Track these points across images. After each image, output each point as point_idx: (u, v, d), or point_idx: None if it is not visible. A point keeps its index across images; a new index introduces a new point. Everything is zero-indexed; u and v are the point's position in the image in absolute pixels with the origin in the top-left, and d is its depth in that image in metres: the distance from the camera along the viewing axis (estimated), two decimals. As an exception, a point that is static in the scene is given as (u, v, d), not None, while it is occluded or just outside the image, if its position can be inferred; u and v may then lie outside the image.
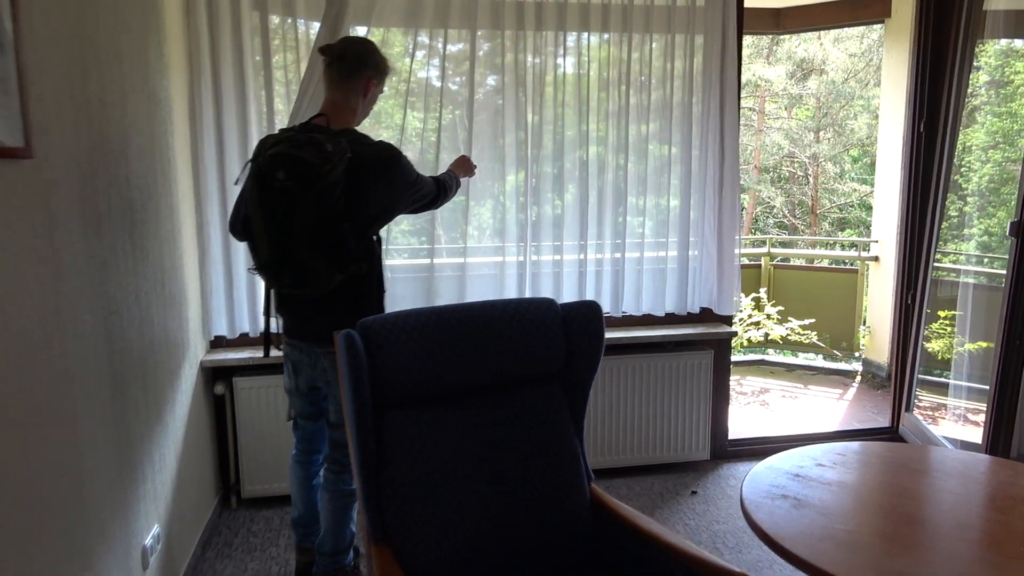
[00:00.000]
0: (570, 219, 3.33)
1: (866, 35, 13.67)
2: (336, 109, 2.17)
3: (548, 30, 3.18)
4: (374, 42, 2.27)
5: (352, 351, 1.63)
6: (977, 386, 3.75)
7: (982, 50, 3.73)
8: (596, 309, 1.93)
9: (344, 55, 2.15)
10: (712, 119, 3.31)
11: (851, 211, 14.66)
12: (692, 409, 3.46)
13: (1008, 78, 4.09)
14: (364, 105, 2.23)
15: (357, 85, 2.16)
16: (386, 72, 2.26)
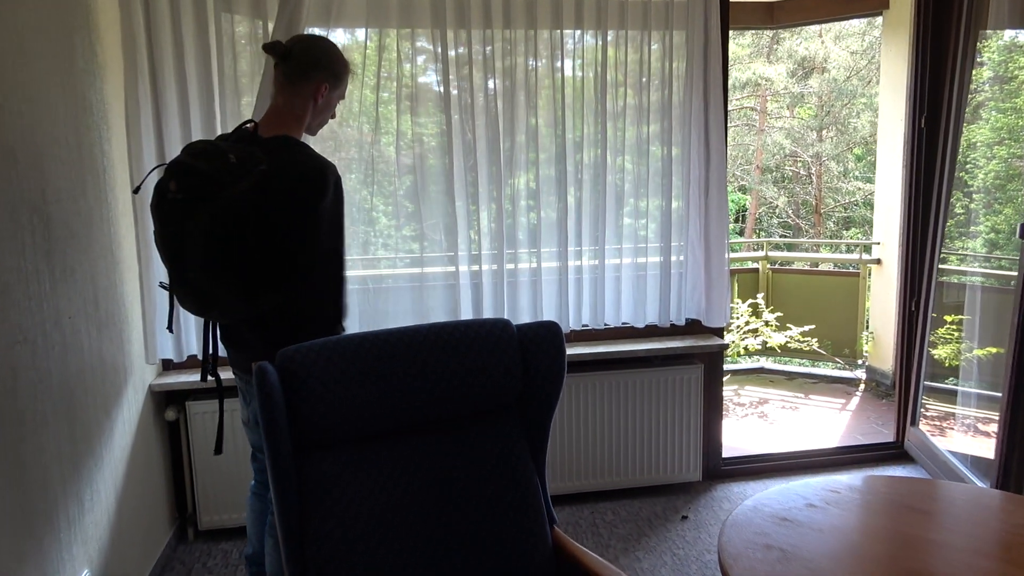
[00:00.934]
0: (554, 226, 3.12)
1: (868, 32, 13.47)
2: (277, 116, 1.93)
3: (518, 28, 2.97)
4: (332, 41, 2.04)
5: (265, 387, 1.42)
6: (988, 393, 3.53)
7: (985, 45, 3.52)
8: (556, 331, 1.72)
9: (291, 54, 1.91)
10: (696, 117, 3.10)
11: (856, 210, 14.50)
12: (682, 427, 3.24)
13: (1012, 73, 3.87)
14: (316, 112, 1.98)
15: (305, 89, 1.92)
16: (344, 75, 2.02)
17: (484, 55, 2.94)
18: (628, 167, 3.15)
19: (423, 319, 3.09)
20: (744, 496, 3.27)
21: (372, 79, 2.89)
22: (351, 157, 2.93)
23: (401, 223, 3.06)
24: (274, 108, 1.95)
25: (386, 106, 2.89)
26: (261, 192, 1.71)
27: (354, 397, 1.53)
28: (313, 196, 1.80)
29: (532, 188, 3.08)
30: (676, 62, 3.10)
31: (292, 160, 1.82)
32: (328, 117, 2.05)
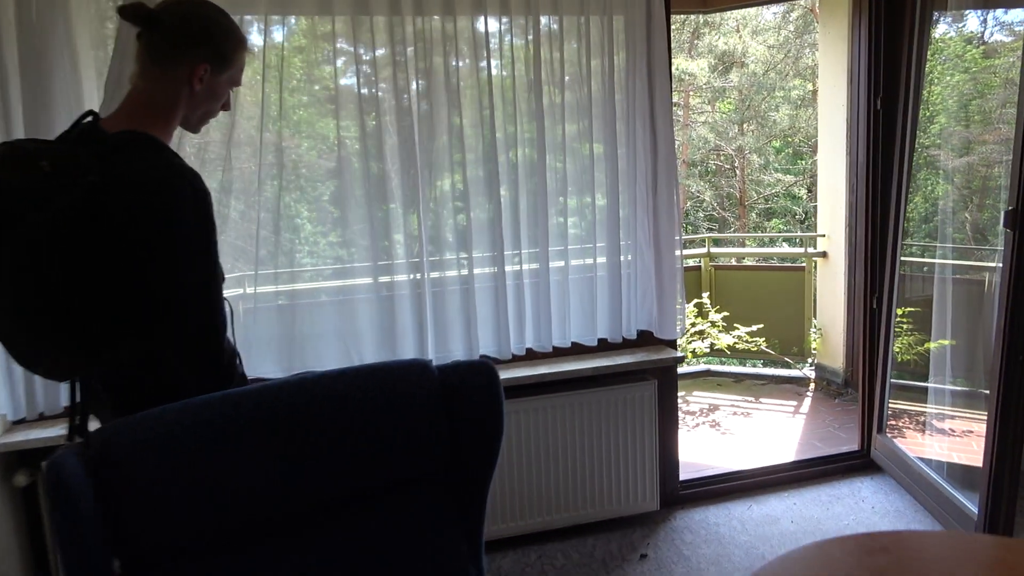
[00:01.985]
0: (485, 228, 2.71)
1: (783, 26, 13.63)
2: (134, 106, 1.42)
3: (435, 14, 2.54)
4: (220, 8, 1.48)
5: (60, 492, 0.95)
6: (945, 388, 3.32)
7: (944, 46, 3.32)
8: (489, 373, 1.30)
9: (158, 22, 1.39)
10: (640, 108, 2.74)
11: (777, 201, 14.74)
12: (636, 451, 2.87)
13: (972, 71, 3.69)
14: (194, 102, 1.46)
15: (176, 71, 1.40)
16: (234, 55, 1.48)
17: (406, 55, 2.53)
18: (568, 165, 2.77)
19: (345, 343, 2.64)
20: (706, 525, 2.93)
21: (289, 82, 2.50)
22: (270, 162, 2.51)
23: (327, 229, 2.67)
24: (132, 95, 1.44)
25: (306, 109, 2.48)
26: (87, 212, 1.24)
27: (203, 489, 1.08)
28: (161, 216, 1.30)
29: (460, 190, 2.65)
30: (617, 50, 2.73)
31: (134, 167, 1.31)
32: (215, 108, 1.52)
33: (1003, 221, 2.29)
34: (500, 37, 2.66)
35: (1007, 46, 3.65)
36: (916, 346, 3.71)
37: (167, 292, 1.32)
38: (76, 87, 2.24)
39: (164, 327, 1.33)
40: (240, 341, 2.37)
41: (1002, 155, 3.39)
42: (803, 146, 14.53)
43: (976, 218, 3.87)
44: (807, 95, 13.70)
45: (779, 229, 14.48)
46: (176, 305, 1.33)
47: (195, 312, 1.34)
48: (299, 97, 2.59)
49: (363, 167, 2.57)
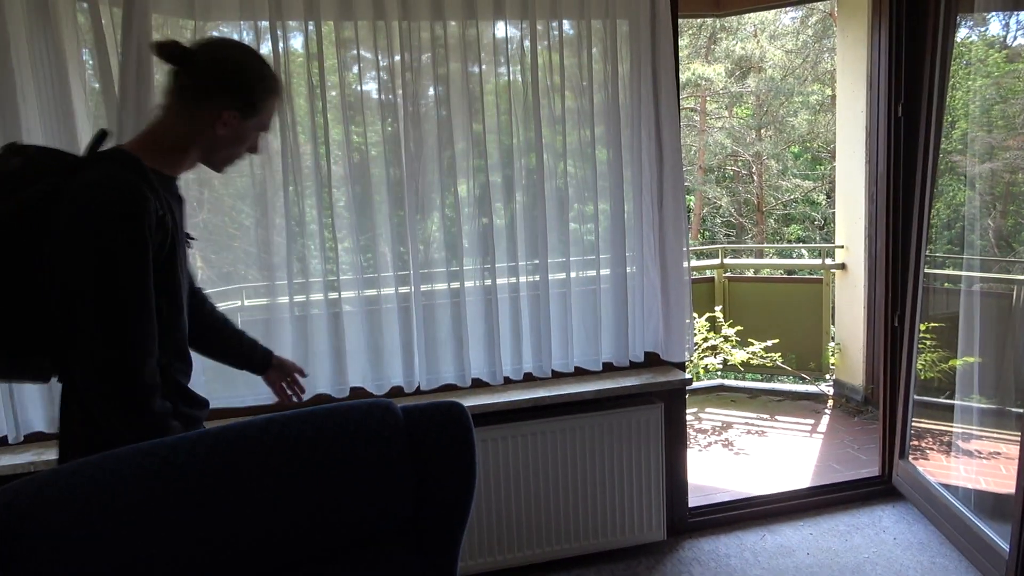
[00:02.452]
0: (482, 241, 2.58)
1: (801, 31, 13.43)
2: (151, 133, 1.41)
3: (423, 20, 2.42)
4: (256, 52, 1.47)
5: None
6: (969, 404, 3.12)
7: (967, 50, 3.15)
8: (459, 416, 1.17)
9: (192, 62, 1.36)
10: (646, 115, 2.60)
11: (796, 207, 14.56)
12: (642, 478, 2.72)
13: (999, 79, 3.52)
14: (218, 145, 1.43)
15: (200, 115, 1.38)
16: (265, 103, 1.44)
17: (421, 62, 2.44)
18: (571, 171, 2.63)
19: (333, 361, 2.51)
20: (716, 556, 2.76)
21: (304, 88, 2.40)
22: (284, 168, 2.39)
23: (343, 235, 2.54)
24: (153, 126, 1.42)
25: (321, 116, 2.39)
26: (28, 219, 1.28)
27: (127, 559, 0.94)
28: (76, 231, 1.25)
29: (477, 195, 2.52)
30: (621, 54, 2.59)
31: (83, 179, 1.29)
32: (240, 151, 1.48)
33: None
34: (499, 44, 2.53)
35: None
36: (940, 363, 3.52)
37: (67, 316, 1.27)
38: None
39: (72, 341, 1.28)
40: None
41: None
42: (822, 151, 14.32)
43: (1000, 225, 3.69)
44: (826, 100, 13.48)
45: (798, 235, 14.26)
46: (78, 333, 1.26)
47: (100, 344, 1.25)
48: (315, 103, 2.47)
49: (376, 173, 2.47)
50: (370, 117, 2.46)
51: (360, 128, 2.46)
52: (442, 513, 1.17)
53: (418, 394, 2.60)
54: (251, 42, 2.32)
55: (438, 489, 1.17)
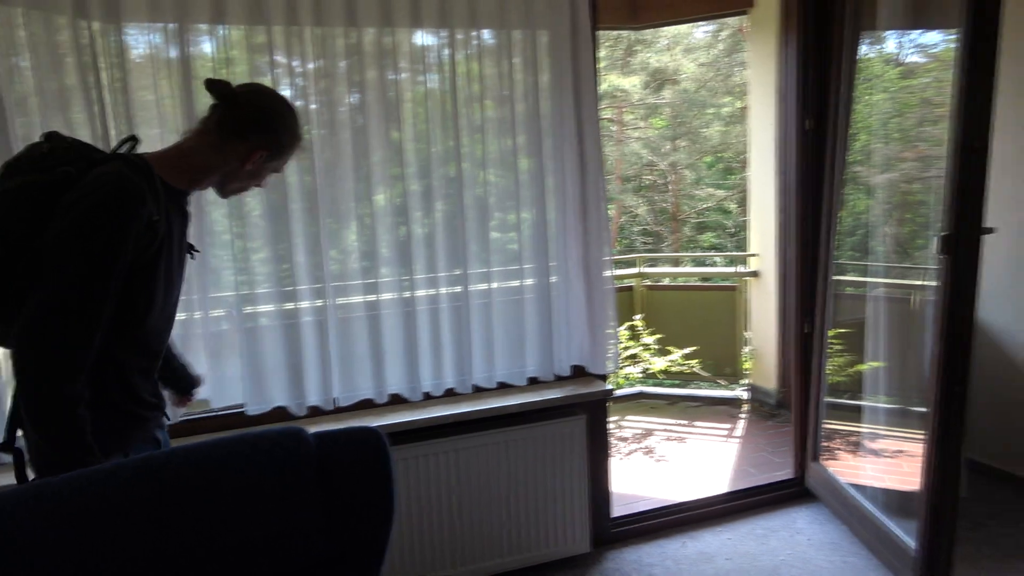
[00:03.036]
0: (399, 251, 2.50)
1: (713, 45, 13.91)
2: (178, 151, 1.56)
3: (338, 26, 2.33)
4: (291, 104, 1.64)
5: None
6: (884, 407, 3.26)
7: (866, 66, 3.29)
8: (376, 443, 1.10)
9: (235, 101, 1.54)
10: (567, 126, 2.59)
11: (710, 215, 15.02)
12: (565, 490, 2.70)
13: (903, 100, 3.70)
14: (239, 176, 1.60)
15: (234, 148, 1.55)
16: (289, 149, 1.63)
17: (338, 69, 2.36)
18: (492, 180, 2.59)
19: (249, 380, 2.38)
20: (640, 567, 2.77)
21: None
22: None
23: (258, 246, 2.42)
24: (182, 145, 1.57)
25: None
26: (48, 195, 1.38)
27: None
28: (75, 212, 1.35)
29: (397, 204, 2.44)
30: (542, 64, 2.57)
31: (96, 173, 1.40)
32: (250, 185, 1.66)
33: (937, 247, 2.21)
34: (418, 52, 2.47)
35: (922, 67, 3.68)
36: (847, 367, 3.66)
37: (51, 282, 1.33)
38: None
39: (35, 322, 1.31)
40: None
41: (920, 172, 3.39)
42: (733, 161, 14.84)
43: (897, 232, 3.88)
44: (737, 112, 13.99)
45: (711, 242, 14.72)
46: (34, 301, 1.32)
47: (38, 334, 1.30)
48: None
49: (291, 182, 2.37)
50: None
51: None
52: (359, 547, 1.10)
53: (336, 412, 2.50)
54: (159, 45, 2.20)
55: (354, 522, 1.10)
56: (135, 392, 1.51)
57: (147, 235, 1.40)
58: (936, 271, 2.25)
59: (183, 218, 1.59)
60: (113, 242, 1.34)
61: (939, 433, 2.27)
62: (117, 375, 1.46)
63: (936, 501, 2.32)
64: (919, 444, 2.58)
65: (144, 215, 1.38)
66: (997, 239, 3.27)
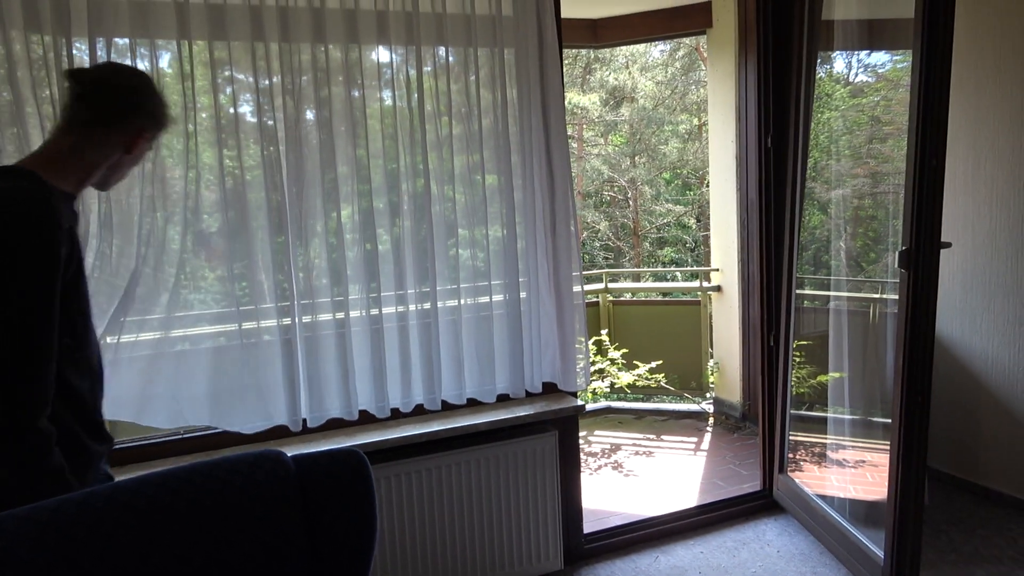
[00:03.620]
0: (365, 266, 2.47)
1: (670, 64, 14.18)
2: (49, 157, 1.43)
3: (304, 42, 2.32)
4: (151, 78, 1.60)
5: None
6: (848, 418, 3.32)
7: (826, 87, 3.39)
8: (358, 467, 1.08)
9: (103, 88, 1.45)
10: (536, 143, 2.60)
11: (669, 230, 15.23)
12: (537, 507, 2.68)
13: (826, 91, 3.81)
14: (123, 163, 1.53)
15: (117, 136, 1.47)
16: (165, 126, 1.59)
17: (296, 84, 2.32)
18: (459, 197, 2.58)
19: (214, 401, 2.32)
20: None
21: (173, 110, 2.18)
22: (151, 194, 2.22)
23: (213, 264, 2.38)
24: (52, 147, 1.46)
25: (192, 138, 2.22)
26: None
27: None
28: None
29: (357, 221, 2.42)
30: (508, 82, 2.59)
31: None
32: (129, 172, 1.61)
33: (897, 261, 2.27)
34: (383, 68, 2.47)
35: (871, 86, 3.81)
36: (809, 379, 3.73)
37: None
38: None
39: None
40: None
41: (871, 188, 3.49)
42: (691, 177, 15.09)
43: (850, 246, 3.99)
44: (694, 129, 14.26)
45: (671, 257, 14.92)
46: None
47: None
48: (185, 125, 2.30)
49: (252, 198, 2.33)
50: (245, 140, 2.32)
51: (234, 152, 2.31)
52: (341, 569, 1.08)
53: (305, 433, 2.46)
54: (111, 59, 2.16)
55: (336, 544, 1.07)
56: (92, 418, 1.42)
57: (67, 245, 1.34)
58: (894, 284, 2.31)
59: (77, 223, 1.51)
60: (45, 261, 1.27)
61: (903, 444, 2.32)
62: (73, 402, 1.37)
63: (901, 511, 2.37)
64: (883, 454, 2.64)
65: (64, 225, 1.32)
66: (949, 254, 3.40)
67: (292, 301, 2.38)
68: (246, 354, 2.36)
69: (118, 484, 1.03)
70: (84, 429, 1.39)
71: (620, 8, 4.55)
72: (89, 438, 1.40)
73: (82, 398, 1.40)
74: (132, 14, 2.14)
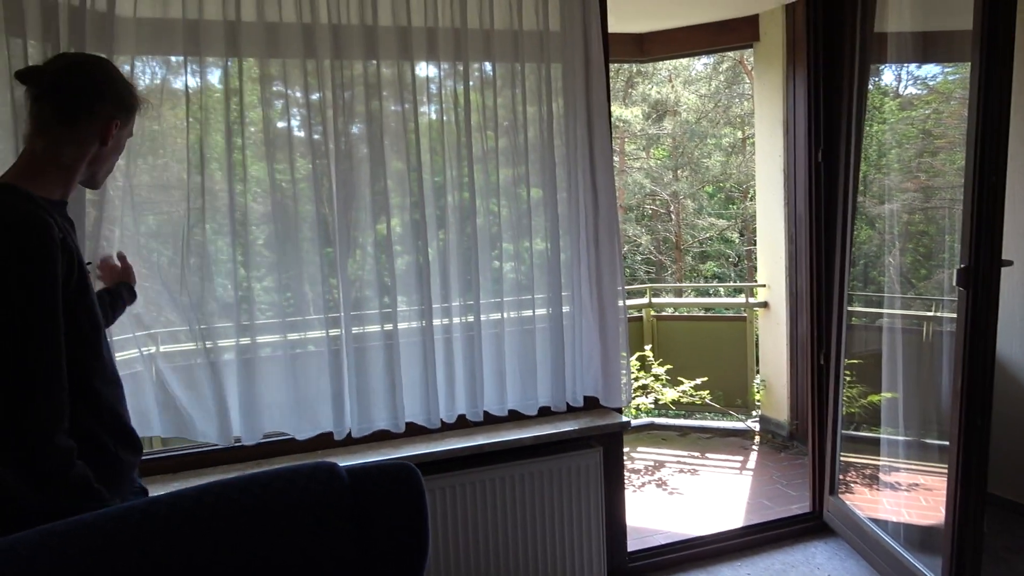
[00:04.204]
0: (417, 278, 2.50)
1: (713, 77, 14.06)
2: (27, 166, 1.37)
3: (356, 59, 2.36)
4: (110, 61, 1.57)
5: None
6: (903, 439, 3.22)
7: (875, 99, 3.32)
8: (409, 479, 1.09)
9: (59, 85, 1.37)
10: (581, 157, 2.60)
11: (712, 244, 15.05)
12: (581, 525, 2.66)
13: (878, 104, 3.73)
14: (102, 158, 1.46)
15: (87, 129, 1.40)
16: (135, 107, 1.51)
17: (344, 99, 2.36)
18: (504, 210, 2.60)
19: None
20: (658, 602, 2.72)
21: (222, 124, 2.30)
22: (201, 206, 2.27)
23: (262, 274, 2.42)
24: (28, 155, 1.39)
25: (240, 152, 2.29)
26: None
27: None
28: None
29: (399, 233, 2.45)
30: (555, 96, 2.60)
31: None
32: (116, 160, 1.55)
33: (955, 279, 2.20)
34: (431, 82, 2.50)
35: (921, 99, 3.73)
36: (860, 398, 3.64)
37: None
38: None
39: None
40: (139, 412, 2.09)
41: (922, 202, 3.41)
42: (735, 191, 14.91)
43: (900, 262, 3.89)
44: (737, 142, 14.10)
45: (713, 271, 14.73)
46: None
47: (11, 396, 1.19)
48: (233, 140, 2.37)
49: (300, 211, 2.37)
50: (293, 154, 2.36)
51: (283, 165, 2.36)
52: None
53: (349, 443, 2.48)
54: (164, 76, 2.24)
55: (387, 560, 1.08)
56: (122, 426, 1.41)
57: (65, 255, 1.29)
58: (949, 302, 2.24)
59: (73, 228, 1.46)
60: (40, 276, 1.23)
61: (961, 467, 2.24)
62: (102, 412, 1.37)
63: (960, 537, 2.29)
64: (938, 477, 2.56)
65: (56, 236, 1.27)
66: (1011, 271, 3.29)
67: (341, 312, 2.41)
68: (293, 364, 2.40)
69: (180, 492, 1.05)
70: (114, 439, 1.38)
71: (667, 22, 4.53)
72: (120, 448, 1.40)
73: (111, 407, 1.40)
74: (186, 34, 2.20)
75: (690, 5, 4.26)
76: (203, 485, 1.04)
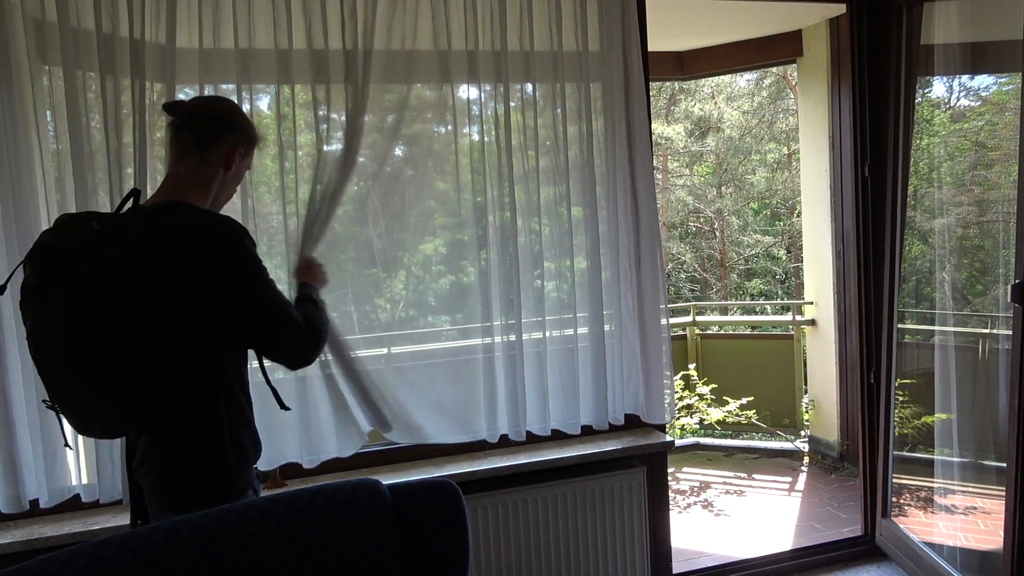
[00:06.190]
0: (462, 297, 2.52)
1: (756, 93, 13.92)
2: (176, 185, 1.58)
3: (397, 83, 2.42)
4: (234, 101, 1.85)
5: None
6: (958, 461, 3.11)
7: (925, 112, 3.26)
8: (450, 497, 1.10)
9: (196, 115, 1.60)
10: (621, 176, 2.61)
11: (757, 261, 14.82)
12: (624, 546, 2.63)
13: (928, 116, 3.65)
14: (226, 181, 1.66)
15: (216, 154, 1.61)
16: (255, 140, 1.72)
17: (387, 122, 2.42)
18: (545, 230, 2.61)
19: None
20: (704, 626, 2.67)
21: (273, 148, 2.39)
22: (253, 230, 2.32)
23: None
24: (173, 178, 1.61)
25: (288, 175, 2.36)
26: (133, 263, 1.39)
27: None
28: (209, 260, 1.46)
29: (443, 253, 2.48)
30: (595, 116, 2.61)
31: (176, 218, 1.48)
32: (234, 190, 1.75)
33: (1010, 295, 2.14)
34: (471, 104, 2.54)
35: (974, 110, 3.64)
36: (912, 419, 3.53)
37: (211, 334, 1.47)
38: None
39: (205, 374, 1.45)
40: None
41: (977, 216, 3.32)
42: (780, 207, 14.68)
43: (954, 278, 3.78)
44: (782, 158, 13.90)
45: (760, 289, 14.49)
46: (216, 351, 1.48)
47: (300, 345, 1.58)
48: (285, 164, 2.44)
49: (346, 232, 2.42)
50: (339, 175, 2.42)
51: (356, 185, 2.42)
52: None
53: (395, 459, 2.51)
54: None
55: (430, 573, 1.09)
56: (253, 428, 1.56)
57: None
58: (1005, 319, 2.18)
59: None
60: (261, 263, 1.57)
61: (1020, 489, 2.16)
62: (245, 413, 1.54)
63: (1019, 561, 2.20)
64: (996, 500, 2.46)
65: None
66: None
67: (382, 331, 2.44)
68: (331, 384, 2.43)
69: (224, 509, 1.08)
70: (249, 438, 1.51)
71: (707, 40, 4.52)
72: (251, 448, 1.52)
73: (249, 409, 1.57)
74: (239, 63, 2.28)
75: (731, 22, 4.24)
76: (247, 502, 1.07)
